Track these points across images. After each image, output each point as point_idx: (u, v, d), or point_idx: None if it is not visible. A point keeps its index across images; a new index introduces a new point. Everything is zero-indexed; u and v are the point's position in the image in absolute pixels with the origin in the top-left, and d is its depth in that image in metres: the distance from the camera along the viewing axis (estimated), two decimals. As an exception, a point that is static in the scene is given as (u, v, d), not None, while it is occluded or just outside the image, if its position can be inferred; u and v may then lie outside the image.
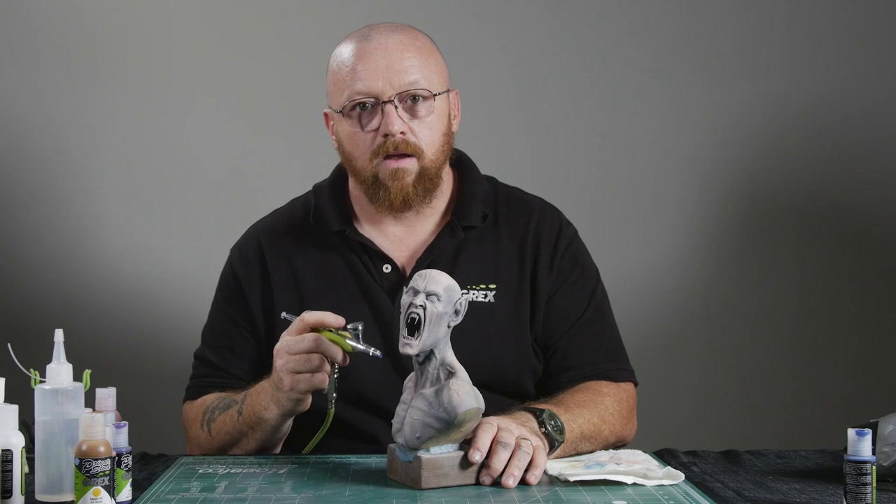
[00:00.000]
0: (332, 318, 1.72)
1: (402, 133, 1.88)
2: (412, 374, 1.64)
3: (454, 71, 2.90)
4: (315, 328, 1.73)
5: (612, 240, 2.98)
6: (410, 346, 1.57)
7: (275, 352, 1.76)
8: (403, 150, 1.89)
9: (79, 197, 2.94)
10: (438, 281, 1.58)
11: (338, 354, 1.71)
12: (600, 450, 1.85)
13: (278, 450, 1.91)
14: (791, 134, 3.06)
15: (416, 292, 1.57)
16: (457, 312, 1.58)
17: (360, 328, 1.73)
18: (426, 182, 1.92)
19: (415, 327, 1.56)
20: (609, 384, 1.93)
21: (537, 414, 1.73)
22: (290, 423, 1.85)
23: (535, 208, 2.04)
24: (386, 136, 1.88)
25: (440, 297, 1.56)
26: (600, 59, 3.03)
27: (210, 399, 1.94)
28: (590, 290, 2.02)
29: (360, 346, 1.71)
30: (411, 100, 1.89)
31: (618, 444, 1.91)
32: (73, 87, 2.94)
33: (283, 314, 1.80)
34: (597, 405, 1.86)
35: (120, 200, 2.95)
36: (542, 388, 1.99)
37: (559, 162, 3.02)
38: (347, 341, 1.71)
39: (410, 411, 1.59)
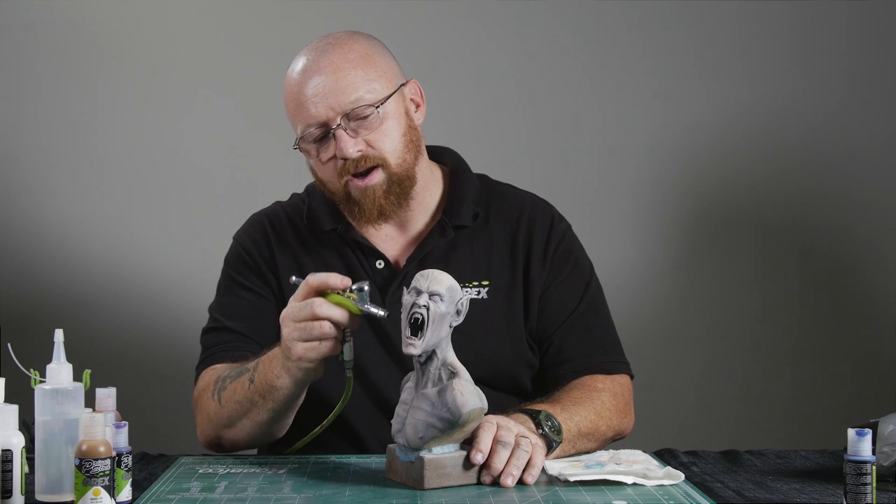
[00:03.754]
0: (337, 280, 1.68)
1: (359, 151, 1.89)
2: (411, 374, 1.64)
3: (450, 68, 2.93)
4: (320, 291, 1.69)
5: (610, 238, 2.98)
6: (414, 347, 1.57)
7: (281, 319, 1.72)
8: (365, 167, 1.90)
9: (79, 197, 2.94)
10: (441, 281, 1.58)
11: (343, 318, 1.67)
12: (598, 445, 1.85)
13: (287, 425, 1.86)
14: (793, 133, 3.06)
15: (418, 292, 1.57)
16: (458, 312, 1.58)
17: (365, 288, 1.67)
18: (397, 188, 1.92)
19: (418, 327, 1.56)
20: (604, 379, 1.94)
21: (534, 415, 1.73)
22: (303, 392, 1.81)
23: (527, 204, 2.05)
24: (344, 159, 1.89)
25: (443, 298, 1.56)
26: (595, 61, 3.03)
27: (222, 368, 1.90)
28: (584, 283, 2.02)
29: (367, 308, 1.67)
30: (359, 115, 1.89)
31: (616, 438, 1.92)
32: (72, 87, 2.94)
33: (293, 278, 1.77)
34: (593, 401, 1.86)
35: (119, 200, 2.95)
36: (538, 383, 2.01)
37: (554, 159, 3.02)
38: (354, 303, 1.67)
39: (412, 412, 1.59)
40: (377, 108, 1.89)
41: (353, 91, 1.88)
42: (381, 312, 1.67)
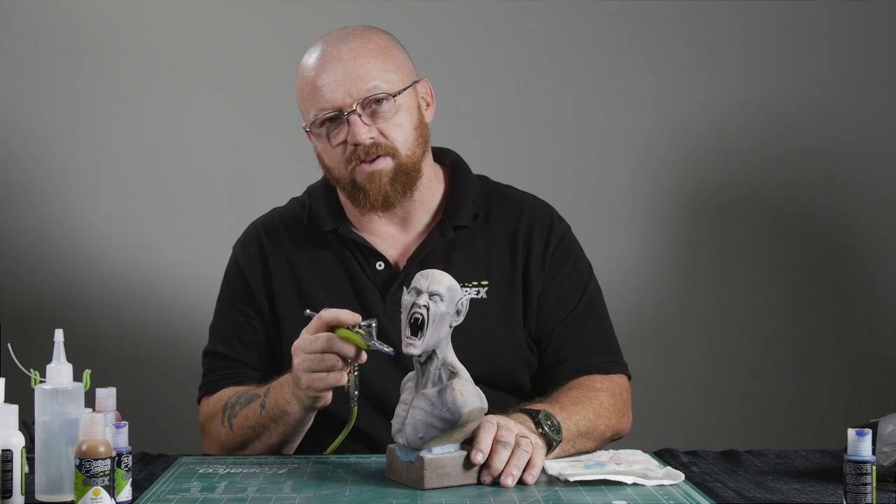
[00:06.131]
0: (348, 316, 1.73)
1: (371, 138, 1.91)
2: (411, 374, 1.64)
3: (449, 69, 2.93)
4: (332, 326, 1.74)
5: (609, 238, 2.98)
6: (414, 347, 1.57)
7: (293, 350, 1.78)
8: (375, 154, 1.92)
9: (78, 196, 2.94)
10: (441, 281, 1.58)
11: (350, 352, 1.72)
12: (597, 445, 1.86)
13: (296, 445, 1.91)
14: (792, 129, 3.06)
15: (418, 292, 1.58)
16: (458, 312, 1.59)
17: (373, 325, 1.74)
18: (404, 177, 1.94)
19: (418, 327, 1.56)
20: (602, 378, 1.95)
21: (533, 415, 1.74)
22: (312, 416, 1.86)
23: (527, 205, 2.07)
24: (356, 145, 1.91)
25: (443, 298, 1.57)
26: (593, 58, 3.03)
27: (227, 394, 1.95)
28: (582, 284, 2.03)
29: (374, 344, 1.72)
30: (374, 103, 1.91)
31: (614, 438, 1.92)
32: (73, 87, 2.94)
33: (307, 311, 1.81)
34: (591, 401, 1.87)
35: (120, 200, 2.95)
36: (537, 383, 2.01)
37: (553, 158, 3.02)
38: (362, 338, 1.72)
39: (412, 411, 1.59)
40: (394, 97, 1.92)
41: (371, 79, 1.91)
42: (388, 350, 1.72)
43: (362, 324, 1.73)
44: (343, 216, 2.03)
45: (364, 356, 1.74)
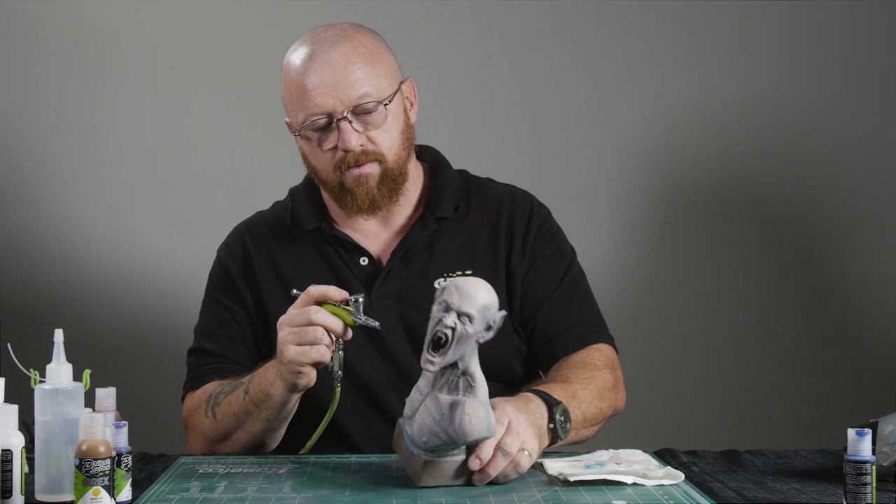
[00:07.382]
0: (336, 292, 1.74)
1: (360, 145, 1.92)
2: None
3: (436, 66, 2.93)
4: (319, 301, 1.74)
5: (608, 237, 2.98)
6: (432, 364, 1.52)
7: (278, 325, 1.77)
8: (364, 161, 1.93)
9: (78, 196, 2.94)
10: (475, 301, 1.51)
11: (337, 326, 1.72)
12: (598, 428, 1.88)
13: (279, 436, 1.90)
14: (791, 127, 3.06)
15: (447, 308, 1.51)
16: (489, 328, 1.52)
17: (360, 300, 1.73)
18: (390, 182, 1.96)
19: (440, 345, 1.52)
20: (600, 356, 1.95)
21: (552, 406, 1.71)
22: (295, 402, 1.85)
23: (507, 194, 2.08)
24: (346, 151, 1.92)
25: (473, 319, 1.50)
26: (586, 58, 3.02)
27: (212, 387, 1.94)
28: (565, 265, 2.05)
29: (360, 319, 1.72)
30: (364, 110, 1.92)
31: (612, 416, 1.94)
32: (71, 86, 2.93)
33: (294, 290, 1.80)
34: (595, 381, 1.88)
35: (119, 200, 2.95)
36: (530, 367, 2.02)
37: (545, 156, 3.01)
38: (350, 314, 1.72)
39: (422, 410, 1.55)
40: (385, 105, 1.92)
41: (362, 86, 1.92)
42: (375, 324, 1.72)
43: (350, 298, 1.73)
44: (326, 214, 2.04)
45: (350, 333, 1.74)
